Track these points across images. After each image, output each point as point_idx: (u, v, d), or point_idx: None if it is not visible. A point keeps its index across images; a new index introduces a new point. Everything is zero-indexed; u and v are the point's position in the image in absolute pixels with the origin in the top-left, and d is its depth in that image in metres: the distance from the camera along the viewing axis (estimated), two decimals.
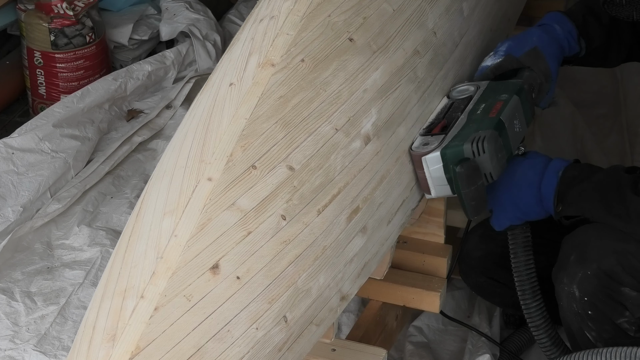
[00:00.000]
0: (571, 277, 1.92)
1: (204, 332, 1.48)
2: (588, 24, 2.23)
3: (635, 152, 3.14)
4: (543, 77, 2.11)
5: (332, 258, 1.70)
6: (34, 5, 3.34)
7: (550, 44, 2.16)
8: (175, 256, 1.50)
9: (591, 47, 2.25)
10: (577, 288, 1.91)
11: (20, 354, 2.40)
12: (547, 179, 1.98)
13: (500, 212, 2.04)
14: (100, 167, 3.00)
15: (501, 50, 2.14)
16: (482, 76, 2.12)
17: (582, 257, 1.92)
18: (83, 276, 2.63)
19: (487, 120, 1.92)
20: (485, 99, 2.00)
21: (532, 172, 2.00)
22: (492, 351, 2.35)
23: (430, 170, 1.90)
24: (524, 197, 2.00)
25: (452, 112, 2.00)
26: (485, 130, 1.88)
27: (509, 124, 1.95)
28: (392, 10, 1.96)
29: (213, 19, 3.69)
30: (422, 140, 1.93)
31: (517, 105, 1.99)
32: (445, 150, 1.88)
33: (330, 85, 1.77)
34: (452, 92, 2.08)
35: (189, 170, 1.61)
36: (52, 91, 3.39)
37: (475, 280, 2.32)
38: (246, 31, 1.84)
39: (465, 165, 1.85)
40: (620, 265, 1.88)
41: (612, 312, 1.90)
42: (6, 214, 2.77)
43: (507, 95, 1.99)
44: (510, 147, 1.96)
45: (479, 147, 1.86)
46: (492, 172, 1.88)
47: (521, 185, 2.00)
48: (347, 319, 2.49)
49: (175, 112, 3.30)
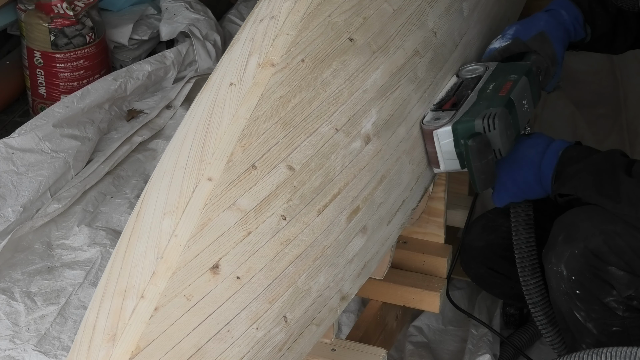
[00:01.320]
0: (559, 256, 1.95)
1: (204, 332, 1.48)
2: (594, 10, 2.26)
3: (635, 152, 3.14)
4: (549, 61, 2.15)
5: (332, 258, 1.70)
6: (34, 5, 3.34)
7: (557, 28, 2.20)
8: (176, 256, 1.50)
9: (597, 33, 2.28)
10: (565, 267, 1.94)
11: (20, 354, 2.40)
12: (548, 159, 2.01)
13: (501, 189, 2.07)
14: (100, 167, 3.00)
15: (509, 34, 2.18)
16: (489, 58, 2.17)
17: (569, 237, 1.94)
18: (83, 276, 2.63)
19: (498, 98, 1.97)
20: (495, 79, 2.05)
21: (533, 151, 2.03)
22: (493, 351, 2.35)
23: (441, 144, 1.94)
24: (524, 175, 2.03)
25: (463, 90, 2.05)
26: (496, 107, 1.93)
27: (518, 103, 1.99)
28: (392, 10, 1.96)
29: (213, 19, 3.69)
30: (434, 115, 1.98)
31: (526, 86, 2.04)
32: (457, 125, 1.92)
33: (330, 85, 1.77)
34: (461, 71, 2.13)
35: (189, 170, 1.61)
36: (52, 91, 3.39)
37: (476, 271, 2.32)
38: (246, 31, 1.84)
39: (477, 139, 1.89)
40: (607, 245, 1.91)
41: (600, 291, 1.93)
42: (6, 214, 2.77)
43: (516, 75, 2.04)
44: (518, 126, 2.01)
45: (490, 123, 1.90)
46: (502, 148, 1.92)
47: (522, 164, 2.03)
48: (347, 319, 2.49)
49: (175, 112, 3.30)
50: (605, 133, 3.22)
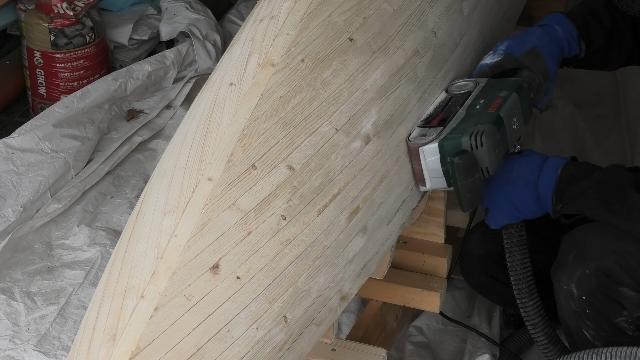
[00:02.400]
0: (569, 275, 1.92)
1: (204, 332, 1.48)
2: (589, 25, 2.22)
3: (635, 152, 3.14)
4: (542, 77, 2.10)
5: (332, 258, 1.70)
6: (34, 5, 3.34)
7: (550, 44, 2.16)
8: (176, 256, 1.50)
9: (591, 49, 2.25)
10: (576, 287, 1.91)
11: (20, 354, 2.40)
12: (545, 177, 1.98)
13: (496, 211, 2.04)
14: (100, 167, 3.00)
15: (500, 49, 2.14)
16: (480, 74, 2.12)
17: (580, 256, 1.91)
18: (83, 276, 2.63)
19: (487, 115, 1.93)
20: (484, 95, 2.01)
21: (528, 169, 1.99)
22: (492, 351, 2.35)
23: (427, 162, 1.90)
24: (521, 195, 2.00)
25: (451, 106, 2.00)
26: (485, 124, 1.89)
27: (508, 120, 1.95)
28: (392, 10, 1.96)
29: (213, 19, 3.69)
30: (420, 132, 1.93)
31: (516, 103, 1.99)
32: (444, 142, 1.88)
33: (330, 85, 1.77)
34: (450, 86, 2.08)
35: (189, 170, 1.61)
36: (52, 91, 3.39)
37: (476, 279, 2.32)
38: (246, 31, 1.84)
39: (464, 157, 1.85)
40: (619, 265, 1.88)
41: (610, 311, 1.90)
42: (6, 214, 2.77)
43: (506, 92, 1.99)
44: (507, 144, 1.96)
45: (477, 140, 1.86)
46: (489, 166, 1.88)
47: (518, 183, 1.99)
48: (347, 319, 2.49)
49: (175, 112, 3.30)
50: (605, 133, 3.22)
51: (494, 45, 2.20)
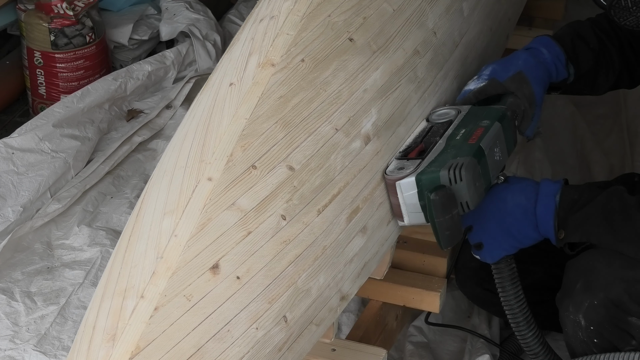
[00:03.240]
0: (577, 306, 1.88)
1: (204, 332, 1.48)
2: (577, 47, 2.17)
3: (635, 152, 3.14)
4: (527, 102, 2.02)
5: (332, 258, 1.70)
6: (34, 5, 3.34)
7: (536, 68, 2.08)
8: (175, 256, 1.50)
9: (580, 72, 2.18)
10: (584, 317, 1.87)
11: (20, 354, 2.40)
12: (543, 204, 1.90)
13: (492, 244, 1.96)
14: (100, 167, 3.00)
15: (485, 74, 2.06)
16: (464, 100, 2.04)
17: (588, 285, 1.86)
18: (83, 276, 2.63)
19: (466, 146, 1.84)
20: (465, 124, 1.92)
21: (524, 197, 1.92)
22: (492, 351, 2.35)
23: (404, 196, 1.81)
24: (519, 225, 1.92)
25: (431, 137, 1.91)
26: (464, 157, 1.80)
27: (489, 151, 1.86)
28: (392, 10, 1.96)
29: (213, 19, 3.69)
30: (398, 164, 1.84)
31: (499, 133, 1.91)
32: (421, 176, 1.79)
33: (330, 85, 1.77)
34: (431, 115, 1.99)
35: (189, 170, 1.61)
36: (52, 91, 3.39)
37: (472, 291, 2.31)
38: (246, 31, 1.84)
39: (440, 193, 1.76)
40: (628, 294, 1.83)
41: (619, 340, 1.86)
42: (6, 214, 2.77)
43: (488, 121, 1.91)
44: (489, 176, 1.88)
45: (457, 174, 1.77)
46: (469, 201, 1.80)
47: (514, 213, 1.92)
48: (347, 319, 2.49)
49: (175, 112, 3.29)
50: (605, 133, 3.22)
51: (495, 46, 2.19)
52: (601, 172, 3.06)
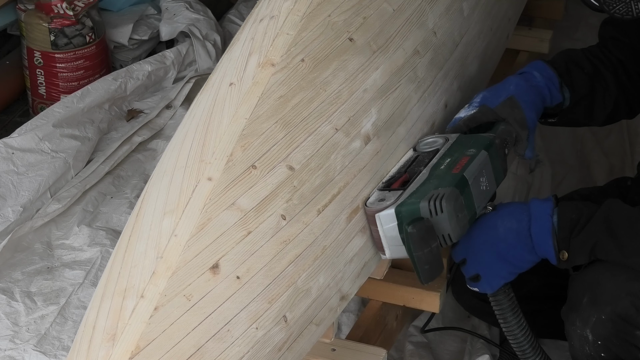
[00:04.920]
0: (584, 320, 1.86)
1: (204, 331, 1.48)
2: (571, 71, 2.13)
3: (635, 152, 3.14)
4: (519, 127, 1.97)
5: (332, 258, 1.70)
6: (34, 5, 3.34)
7: (528, 92, 2.03)
8: (175, 256, 1.50)
9: (576, 96, 2.14)
10: (591, 332, 1.85)
11: (20, 354, 2.40)
12: (538, 225, 1.85)
13: (490, 274, 1.90)
14: (100, 167, 3.00)
15: (476, 102, 2.01)
16: (454, 128, 1.98)
17: (595, 300, 1.84)
18: (83, 276, 2.63)
19: (450, 176, 1.77)
20: (451, 153, 1.85)
21: (514, 221, 1.86)
22: (492, 351, 2.36)
23: (384, 229, 1.74)
24: (514, 250, 1.87)
25: (415, 166, 1.84)
26: (446, 187, 1.73)
27: (474, 181, 1.79)
28: (392, 10, 1.96)
29: (213, 19, 3.69)
30: (379, 196, 1.77)
31: (485, 162, 1.83)
32: (400, 208, 1.72)
33: (330, 85, 1.77)
34: (419, 144, 1.93)
35: (189, 170, 1.61)
36: (52, 91, 3.39)
37: (468, 302, 2.30)
38: (246, 31, 1.84)
39: (418, 226, 1.69)
40: (635, 307, 1.81)
41: (627, 354, 1.84)
42: (6, 214, 2.77)
43: (474, 150, 1.84)
44: (474, 207, 1.80)
45: (437, 205, 1.70)
46: (451, 233, 1.73)
47: (507, 238, 1.86)
48: (347, 319, 2.49)
49: (175, 112, 3.29)
50: (605, 133, 3.22)
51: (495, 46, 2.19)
52: (601, 172, 3.06)
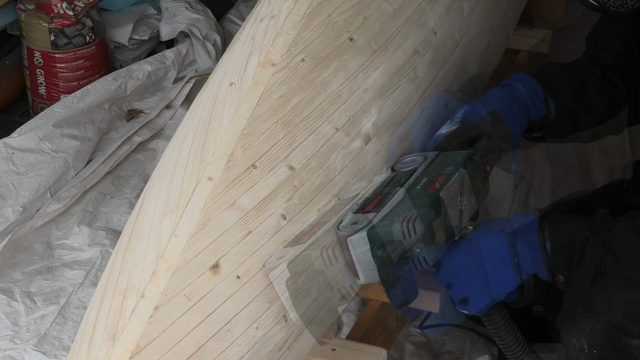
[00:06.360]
0: (579, 330, 1.84)
1: (204, 331, 1.48)
2: (554, 83, 2.10)
3: (635, 152, 3.14)
4: (503, 141, 1.92)
5: None
6: (34, 5, 3.34)
7: (511, 105, 1.99)
8: (176, 255, 1.50)
9: (561, 109, 2.11)
10: (586, 342, 1.83)
11: (20, 354, 2.40)
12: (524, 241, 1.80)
13: (478, 296, 1.84)
14: (100, 167, 3.00)
15: (457, 117, 1.93)
16: (436, 146, 1.89)
17: (589, 310, 1.82)
18: (83, 276, 2.63)
19: (425, 196, 1.68)
20: (428, 173, 1.75)
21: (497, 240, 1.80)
22: (491, 351, 2.35)
23: (357, 254, 1.63)
24: (499, 271, 1.81)
25: (392, 187, 1.73)
26: (420, 208, 1.65)
27: (451, 201, 1.71)
28: (392, 10, 1.96)
29: (213, 19, 3.69)
30: (352, 219, 1.65)
31: (463, 180, 1.75)
32: (372, 231, 1.61)
33: (330, 85, 1.77)
34: (397, 163, 1.84)
35: (189, 169, 1.61)
36: (52, 91, 3.39)
37: None
38: (246, 31, 1.84)
39: (389, 249, 1.61)
40: (630, 316, 1.79)
41: None
42: (6, 214, 2.77)
43: (452, 168, 1.74)
44: (451, 228, 1.73)
45: (410, 227, 1.62)
46: (426, 256, 1.67)
47: (491, 260, 1.80)
48: (347, 319, 2.49)
49: (175, 112, 3.30)
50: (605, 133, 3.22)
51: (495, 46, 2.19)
52: (601, 172, 3.06)
